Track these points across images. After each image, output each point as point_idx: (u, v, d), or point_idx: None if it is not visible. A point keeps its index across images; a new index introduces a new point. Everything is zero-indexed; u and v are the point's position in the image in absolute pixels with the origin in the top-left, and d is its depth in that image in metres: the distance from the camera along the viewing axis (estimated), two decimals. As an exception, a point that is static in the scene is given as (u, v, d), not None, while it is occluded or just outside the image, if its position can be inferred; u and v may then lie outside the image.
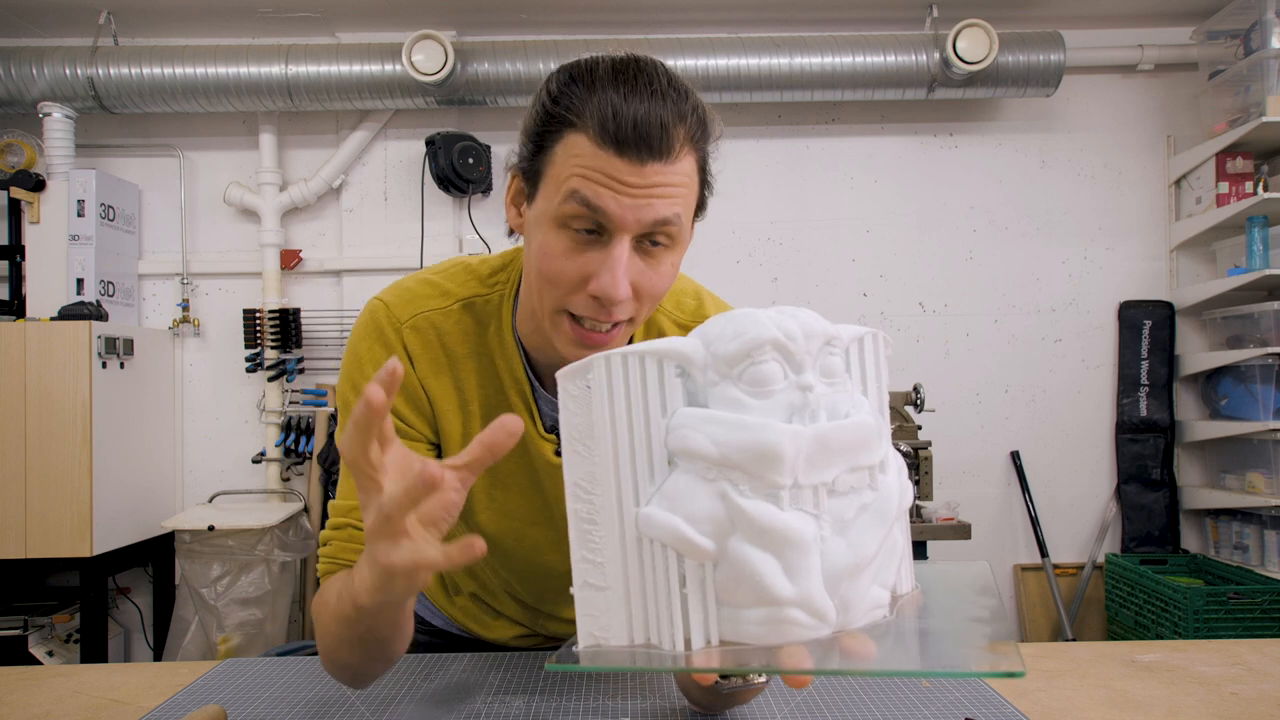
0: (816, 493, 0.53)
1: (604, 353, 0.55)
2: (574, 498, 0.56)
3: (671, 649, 0.53)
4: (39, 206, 2.95)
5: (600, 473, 0.55)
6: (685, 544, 0.52)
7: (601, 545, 0.55)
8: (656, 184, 0.71)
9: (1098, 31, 3.24)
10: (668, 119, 0.70)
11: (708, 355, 0.55)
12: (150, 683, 0.97)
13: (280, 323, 3.13)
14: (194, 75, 2.94)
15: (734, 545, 0.52)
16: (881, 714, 0.83)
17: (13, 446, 2.62)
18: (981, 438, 3.26)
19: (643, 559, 0.54)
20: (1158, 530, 3.17)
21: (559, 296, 0.75)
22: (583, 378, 0.56)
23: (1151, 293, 3.26)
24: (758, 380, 0.54)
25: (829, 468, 0.53)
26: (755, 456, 0.51)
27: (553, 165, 0.73)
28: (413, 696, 0.89)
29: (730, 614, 0.53)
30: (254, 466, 3.22)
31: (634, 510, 0.54)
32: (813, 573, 0.52)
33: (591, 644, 0.55)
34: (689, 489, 0.53)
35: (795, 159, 3.29)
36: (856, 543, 0.53)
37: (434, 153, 3.08)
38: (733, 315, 0.56)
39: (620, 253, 0.72)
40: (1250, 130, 2.80)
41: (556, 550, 0.95)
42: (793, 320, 0.55)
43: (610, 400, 0.55)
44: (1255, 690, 0.90)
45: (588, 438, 0.55)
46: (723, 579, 0.52)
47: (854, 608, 0.54)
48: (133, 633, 3.18)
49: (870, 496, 0.55)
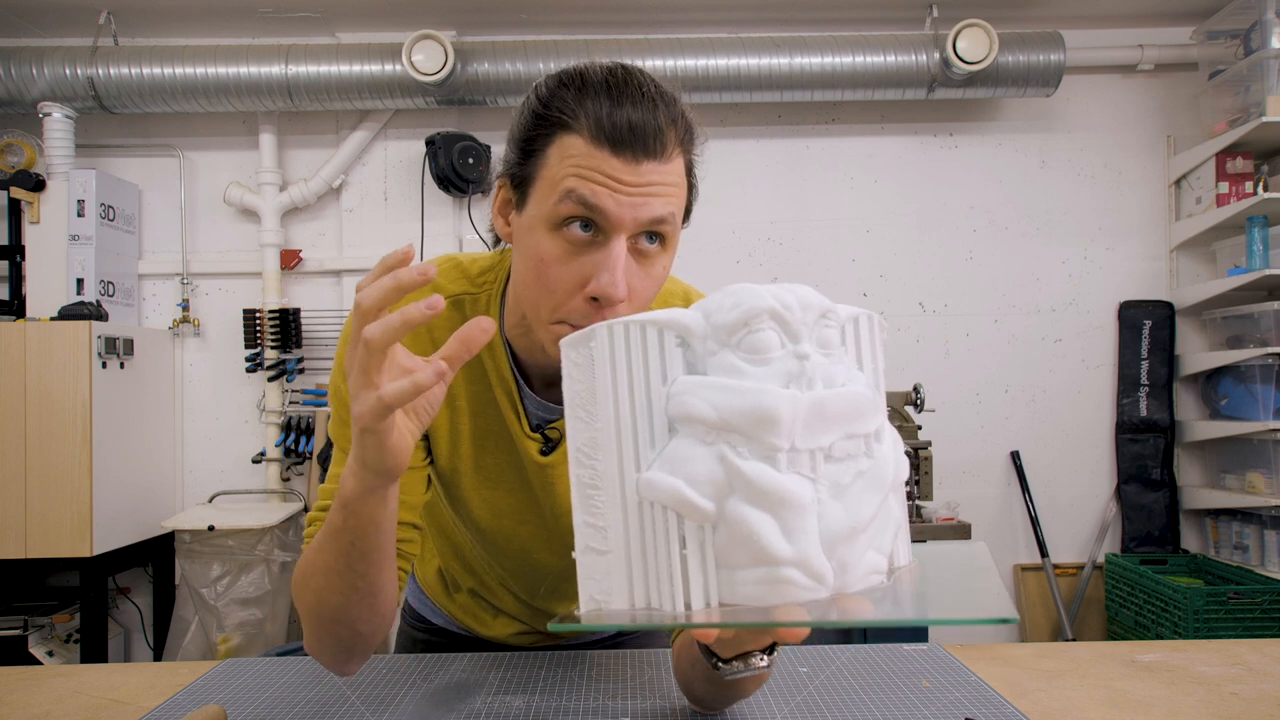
0: (814, 457, 0.54)
1: (606, 321, 0.56)
2: (576, 463, 0.57)
3: (672, 611, 0.54)
4: (39, 206, 2.95)
5: (602, 438, 0.56)
6: (686, 505, 0.53)
7: (603, 510, 0.56)
8: (652, 182, 0.71)
9: (1098, 31, 3.24)
10: (660, 120, 0.71)
11: (707, 326, 0.57)
12: (150, 683, 0.97)
13: (280, 323, 3.13)
14: (194, 75, 2.94)
15: (732, 506, 0.53)
16: (881, 714, 0.83)
17: (13, 446, 2.62)
18: (981, 438, 3.26)
19: (644, 523, 0.55)
20: (1158, 530, 3.17)
21: (555, 305, 0.75)
22: (585, 346, 0.57)
23: (1151, 293, 3.26)
24: (755, 348, 0.55)
25: (826, 433, 0.54)
26: (753, 420, 0.52)
27: (545, 168, 0.73)
28: (413, 696, 0.89)
29: (728, 576, 0.54)
30: (254, 466, 3.22)
31: (635, 475, 0.55)
32: (810, 534, 0.53)
33: (593, 607, 0.56)
34: (689, 452, 0.54)
35: (795, 159, 3.29)
36: (853, 507, 0.54)
37: (434, 153, 3.08)
38: (731, 289, 0.58)
39: (619, 251, 0.72)
40: (1250, 130, 2.80)
41: (546, 548, 0.96)
42: (790, 292, 0.57)
43: (612, 368, 0.56)
44: (1255, 690, 0.90)
45: (590, 404, 0.56)
46: (722, 541, 0.53)
47: (851, 571, 0.55)
48: (133, 633, 3.18)
49: (866, 464, 0.56)
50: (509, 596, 1.06)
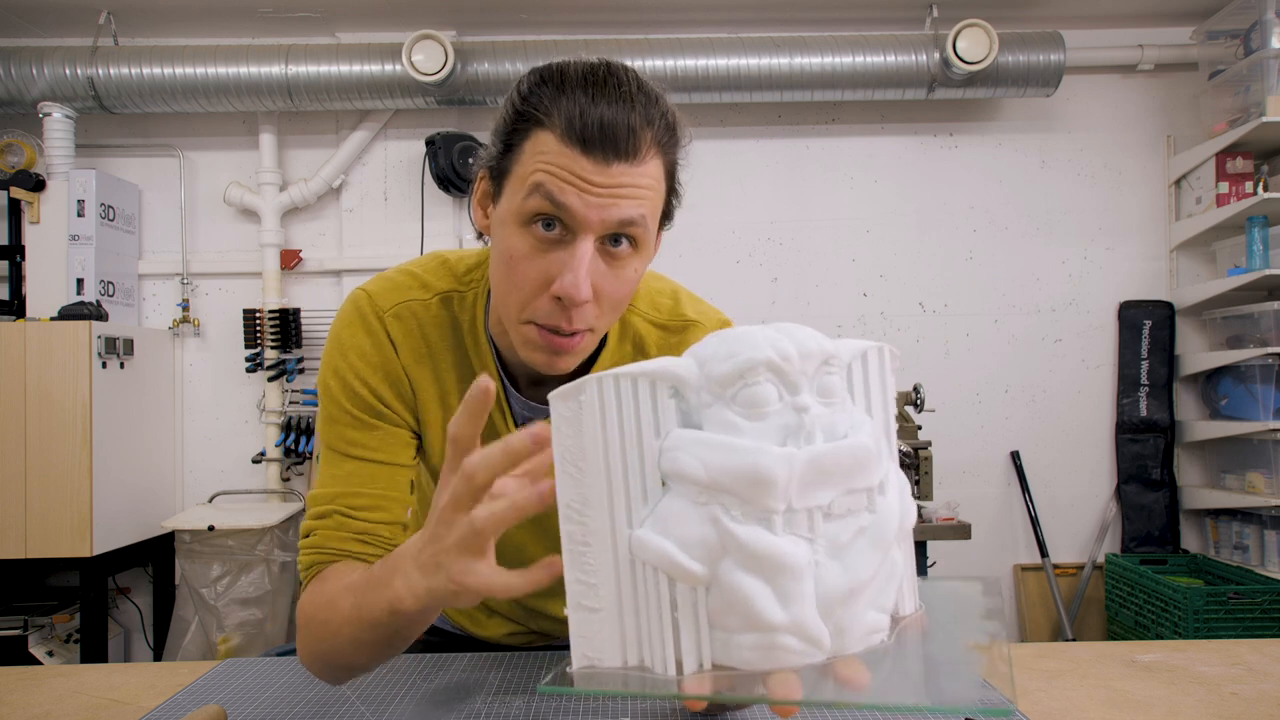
0: (811, 516, 0.52)
1: (596, 374, 0.54)
2: (567, 519, 0.55)
3: (664, 672, 0.53)
4: (39, 206, 2.95)
5: (593, 495, 0.54)
6: (676, 569, 0.51)
7: (595, 567, 0.54)
8: (622, 184, 0.70)
9: (1098, 31, 3.24)
10: (635, 121, 0.70)
11: (701, 376, 0.54)
12: (150, 683, 0.97)
13: (280, 323, 3.13)
14: (194, 75, 2.94)
15: (725, 570, 0.51)
16: (881, 714, 0.83)
17: (13, 446, 2.62)
18: (981, 438, 3.26)
19: (636, 581, 0.53)
20: (1158, 530, 3.17)
21: (522, 303, 0.74)
22: (575, 399, 0.54)
23: (1151, 293, 3.26)
24: (751, 402, 0.53)
25: (824, 491, 0.52)
26: (747, 481, 0.50)
27: (519, 164, 0.73)
28: (413, 696, 0.89)
29: (722, 638, 0.52)
30: (254, 466, 3.22)
31: (627, 532, 0.53)
32: (805, 598, 0.51)
33: (585, 664, 0.54)
34: (681, 512, 0.52)
35: (795, 159, 3.29)
36: (852, 567, 0.52)
37: (434, 153, 3.08)
38: (725, 335, 0.56)
39: (584, 252, 0.71)
40: (1250, 130, 2.80)
41: (539, 547, 0.96)
42: (788, 340, 0.54)
43: (603, 422, 0.54)
44: (1255, 690, 0.90)
45: (580, 459, 0.54)
46: (714, 604, 0.52)
47: (849, 632, 0.53)
48: (133, 633, 3.18)
49: (868, 519, 0.53)
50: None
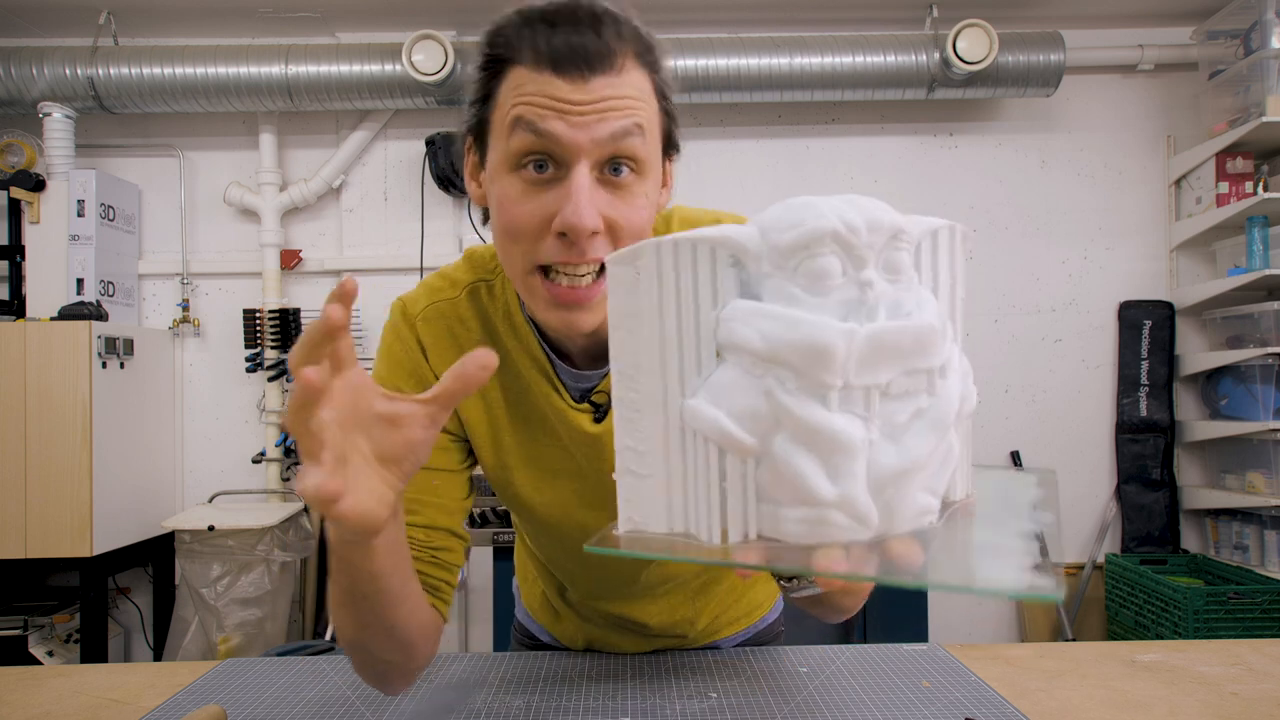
0: (868, 394, 0.50)
1: (655, 239, 0.52)
2: (619, 384, 0.54)
3: (710, 541, 0.52)
4: (39, 206, 2.95)
5: (644, 360, 0.53)
6: (728, 440, 0.51)
7: (645, 434, 0.53)
8: (606, 97, 0.66)
9: (1098, 31, 3.24)
10: (605, 32, 0.67)
11: (763, 244, 0.52)
12: (150, 683, 0.97)
13: (280, 323, 3.13)
14: (194, 75, 2.94)
15: (777, 444, 0.50)
16: (881, 714, 0.83)
17: (13, 446, 2.62)
18: (981, 438, 3.26)
19: (685, 450, 0.53)
20: (1158, 530, 3.17)
21: (525, 250, 0.70)
22: (632, 264, 0.53)
23: (1151, 293, 3.26)
24: (814, 275, 0.50)
25: (883, 370, 0.50)
26: (805, 354, 0.48)
27: (497, 109, 0.70)
28: (413, 696, 0.89)
29: (770, 510, 0.51)
30: (254, 466, 3.22)
31: (679, 402, 0.52)
32: (856, 476, 0.49)
33: (631, 529, 0.54)
34: (735, 384, 0.51)
35: (795, 159, 3.29)
36: (906, 448, 0.51)
37: (434, 153, 3.08)
38: (792, 203, 0.53)
39: (581, 179, 0.66)
40: (1250, 130, 2.80)
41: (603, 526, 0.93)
42: (856, 211, 0.51)
43: (660, 289, 0.52)
44: (1255, 690, 0.90)
45: (635, 320, 0.53)
46: (764, 476, 0.51)
47: (898, 513, 0.51)
48: (133, 633, 3.18)
49: (926, 401, 0.51)
50: (578, 596, 1.02)
